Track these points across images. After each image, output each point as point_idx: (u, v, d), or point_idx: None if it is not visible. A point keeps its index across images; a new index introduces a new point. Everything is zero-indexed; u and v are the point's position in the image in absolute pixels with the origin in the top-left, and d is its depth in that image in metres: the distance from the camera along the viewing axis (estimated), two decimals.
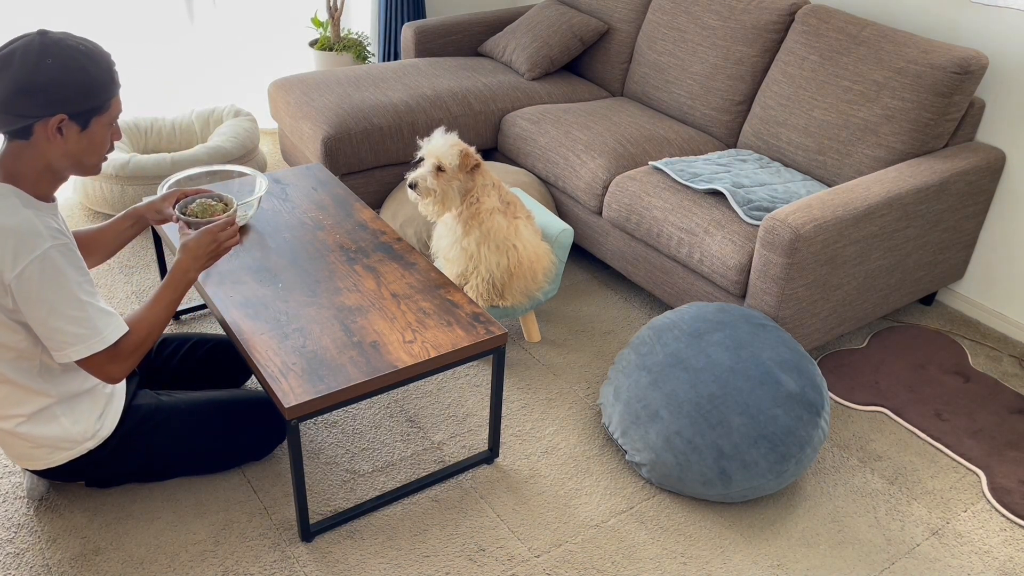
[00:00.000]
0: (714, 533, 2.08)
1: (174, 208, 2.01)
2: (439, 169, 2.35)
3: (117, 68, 1.69)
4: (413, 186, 2.35)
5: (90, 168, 1.71)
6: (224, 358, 2.27)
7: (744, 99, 3.09)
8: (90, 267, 2.02)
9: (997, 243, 2.88)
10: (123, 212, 2.06)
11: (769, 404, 2.07)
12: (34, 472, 1.94)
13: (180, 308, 2.76)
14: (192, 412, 2.02)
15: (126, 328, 1.73)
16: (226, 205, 2.01)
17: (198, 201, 2.03)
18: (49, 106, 1.57)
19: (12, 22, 3.50)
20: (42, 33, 1.59)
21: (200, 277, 2.14)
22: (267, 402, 2.12)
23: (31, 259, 1.58)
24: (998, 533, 2.13)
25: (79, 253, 1.68)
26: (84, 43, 1.62)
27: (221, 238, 1.88)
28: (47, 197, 1.69)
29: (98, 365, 1.70)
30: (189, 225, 1.96)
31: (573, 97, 3.52)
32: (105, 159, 1.73)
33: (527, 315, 2.68)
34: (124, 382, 1.96)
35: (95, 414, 1.87)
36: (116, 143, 3.26)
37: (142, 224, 2.07)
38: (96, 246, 2.02)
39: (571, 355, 2.69)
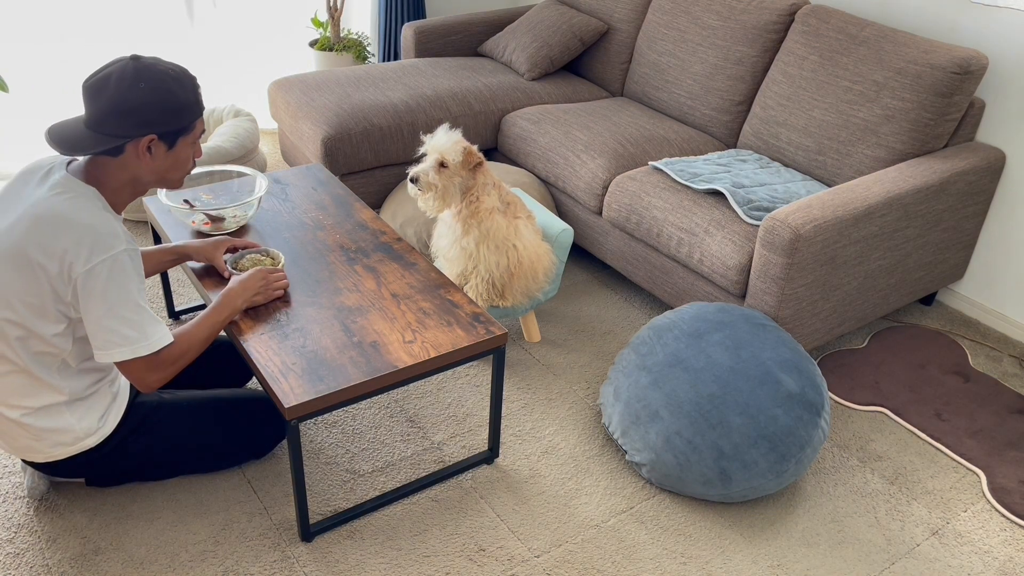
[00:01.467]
0: (714, 533, 2.08)
1: (224, 260, 2.15)
2: (441, 165, 2.35)
3: (202, 91, 1.84)
4: (414, 180, 2.35)
5: (173, 183, 1.84)
6: (226, 359, 2.28)
7: (744, 99, 3.09)
8: None
9: (997, 243, 2.88)
10: (169, 245, 2.17)
11: (769, 404, 2.07)
12: (34, 466, 1.94)
13: (180, 308, 2.77)
14: (194, 410, 2.03)
15: (171, 339, 1.80)
16: (274, 260, 2.18)
17: (248, 256, 2.18)
18: (141, 127, 1.69)
19: (12, 21, 3.50)
20: (135, 58, 1.70)
21: (200, 277, 2.15)
22: (267, 400, 2.12)
23: (104, 258, 1.66)
24: (998, 533, 2.13)
25: (141, 262, 1.76)
26: (174, 68, 1.74)
27: (271, 279, 2.03)
28: (118, 208, 1.79)
29: (137, 370, 1.76)
30: None
31: (573, 97, 3.52)
32: (188, 174, 1.86)
33: (527, 315, 2.69)
34: (129, 382, 1.97)
35: (99, 412, 1.89)
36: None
37: (184, 260, 2.17)
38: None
39: (571, 355, 2.69)
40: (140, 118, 1.67)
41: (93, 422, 1.88)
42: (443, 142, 2.35)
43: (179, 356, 1.81)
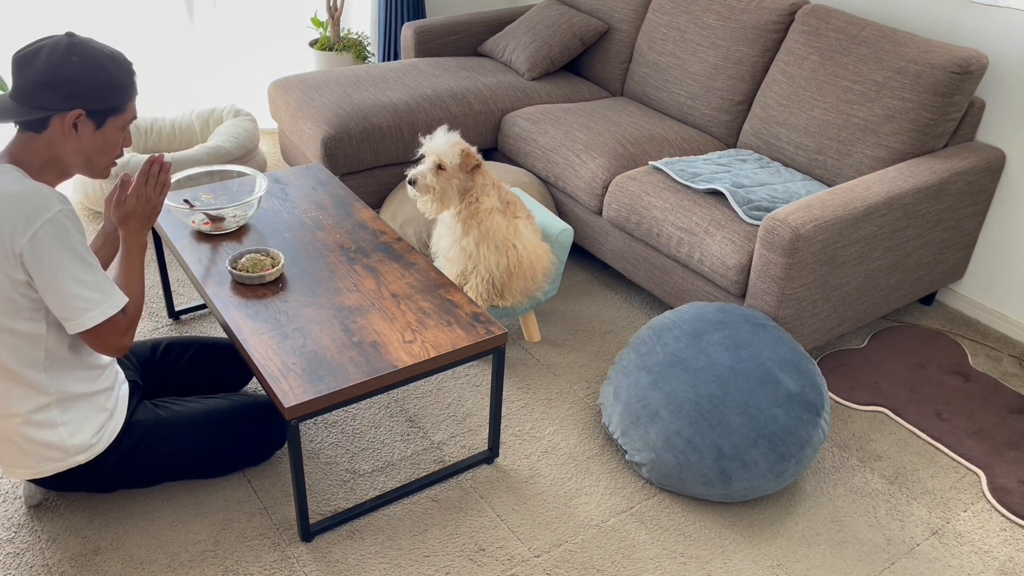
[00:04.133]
0: (714, 533, 2.08)
1: (227, 263, 2.11)
2: (439, 167, 2.35)
3: (137, 76, 1.75)
4: (413, 183, 2.35)
5: (99, 169, 1.75)
6: (229, 362, 2.26)
7: (744, 99, 3.09)
8: None
9: (997, 243, 2.88)
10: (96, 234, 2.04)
11: (769, 404, 2.07)
12: (34, 481, 1.92)
13: (180, 308, 2.76)
14: (191, 426, 1.99)
15: (127, 297, 1.77)
16: (273, 259, 2.17)
17: (248, 256, 2.17)
18: (69, 100, 1.63)
19: (12, 21, 3.50)
20: (70, 35, 1.65)
21: (200, 277, 2.14)
22: (266, 407, 2.11)
23: (42, 221, 1.60)
24: (998, 533, 2.13)
25: (81, 223, 1.70)
26: (109, 48, 1.69)
27: (144, 193, 1.84)
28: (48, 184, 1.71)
29: (110, 334, 1.71)
30: (238, 281, 2.11)
31: (573, 97, 3.52)
32: (115, 163, 1.78)
33: (527, 315, 2.69)
34: (127, 398, 1.94)
35: (94, 428, 1.85)
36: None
37: (113, 236, 2.03)
38: None
39: (571, 355, 2.69)
40: (69, 91, 1.62)
41: (86, 439, 1.84)
42: (441, 144, 2.35)
43: (137, 310, 1.78)
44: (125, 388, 1.96)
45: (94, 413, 1.85)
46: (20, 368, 1.74)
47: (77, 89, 1.63)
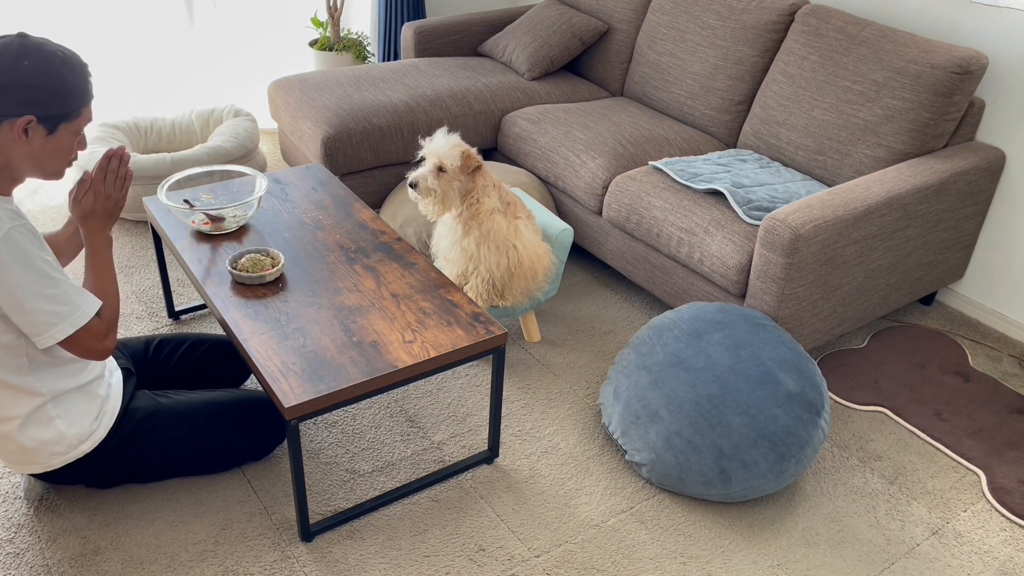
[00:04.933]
0: (714, 533, 2.08)
1: (228, 263, 2.12)
2: (440, 169, 2.35)
3: (92, 79, 1.69)
4: (413, 185, 2.35)
5: (52, 173, 1.70)
6: (222, 358, 2.27)
7: (744, 99, 3.09)
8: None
9: (997, 243, 2.88)
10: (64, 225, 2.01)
11: (769, 404, 2.07)
12: (34, 475, 1.93)
13: (180, 308, 2.76)
14: (190, 414, 2.01)
15: (99, 300, 1.73)
16: (273, 260, 2.17)
17: (247, 256, 2.17)
18: (19, 106, 1.58)
19: (11, 20, 3.50)
20: (22, 36, 1.60)
21: (200, 277, 2.15)
22: (266, 402, 2.12)
23: None
24: (998, 533, 2.13)
25: (40, 236, 1.66)
26: (62, 50, 1.62)
27: (110, 191, 1.78)
28: (2, 191, 1.67)
29: (84, 341, 1.69)
30: (238, 281, 2.11)
31: (573, 97, 3.52)
32: (69, 166, 1.72)
33: (527, 315, 2.68)
34: (121, 384, 1.96)
35: (91, 415, 1.86)
36: (112, 138, 3.26)
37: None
38: (55, 248, 1.97)
39: (571, 355, 2.69)
40: (20, 97, 1.56)
41: (85, 427, 1.85)
42: (441, 146, 2.34)
43: (114, 312, 1.75)
44: (118, 375, 1.98)
45: (88, 402, 1.86)
46: (6, 376, 1.74)
47: (28, 95, 1.57)
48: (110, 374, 1.95)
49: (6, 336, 1.69)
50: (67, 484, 2.01)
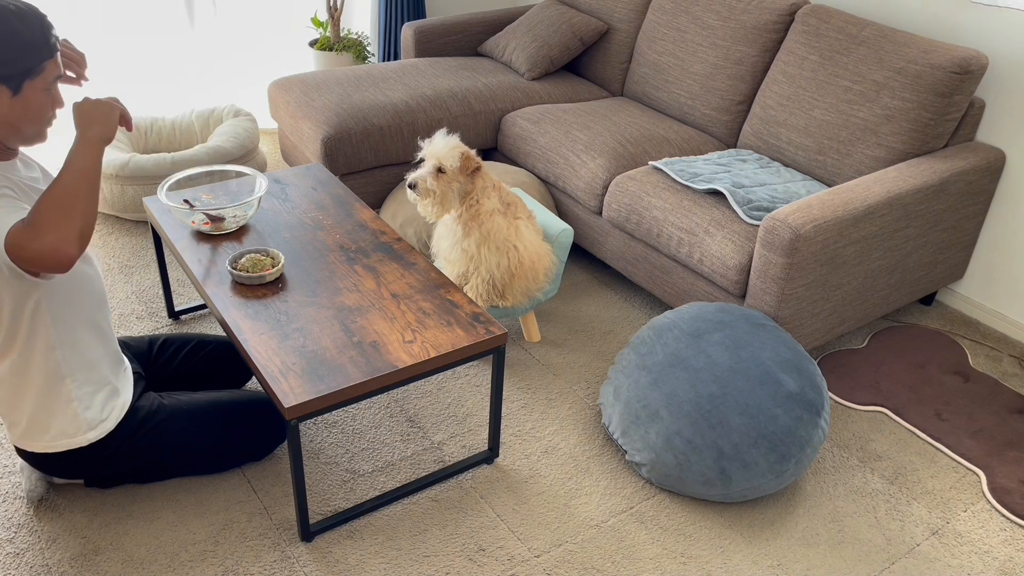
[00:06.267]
0: (714, 533, 2.08)
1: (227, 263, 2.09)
2: (439, 171, 2.35)
3: (55, 32, 1.59)
4: (413, 187, 2.35)
5: (31, 137, 1.64)
6: (225, 360, 2.27)
7: (744, 99, 3.09)
8: None
9: (997, 243, 2.88)
10: None
11: (769, 404, 2.07)
12: (33, 464, 1.94)
13: (180, 308, 2.76)
14: (192, 413, 2.02)
15: (23, 214, 1.58)
16: (273, 260, 2.18)
17: (248, 256, 2.18)
18: None
19: None
20: None
21: (200, 277, 2.14)
22: (267, 402, 2.12)
23: None
24: (998, 533, 2.13)
25: (25, 204, 1.58)
26: (16, 3, 1.55)
27: (115, 114, 1.66)
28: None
29: (12, 250, 1.50)
30: (238, 281, 2.10)
31: (573, 97, 3.52)
32: (49, 125, 1.66)
33: (527, 315, 2.68)
34: (132, 382, 1.98)
35: (101, 402, 1.88)
36: (113, 141, 3.25)
37: None
38: None
39: (571, 355, 2.69)
40: None
41: (96, 413, 1.87)
42: (440, 147, 2.34)
43: (53, 202, 1.50)
44: (130, 371, 2.01)
45: (102, 387, 1.88)
46: (32, 353, 1.74)
47: None
48: (125, 371, 1.98)
49: (16, 286, 1.67)
50: (68, 477, 2.01)
